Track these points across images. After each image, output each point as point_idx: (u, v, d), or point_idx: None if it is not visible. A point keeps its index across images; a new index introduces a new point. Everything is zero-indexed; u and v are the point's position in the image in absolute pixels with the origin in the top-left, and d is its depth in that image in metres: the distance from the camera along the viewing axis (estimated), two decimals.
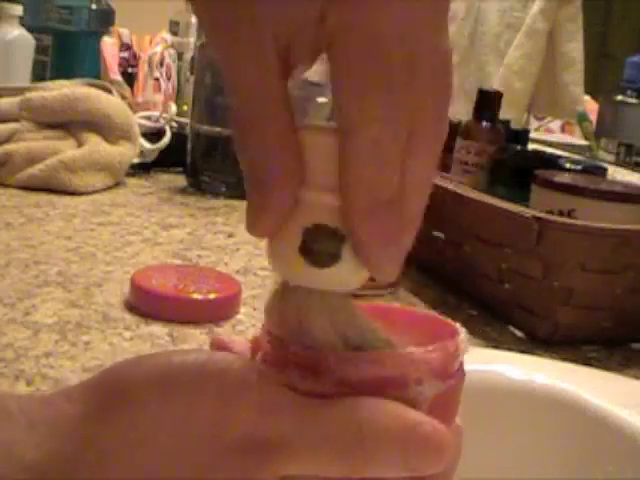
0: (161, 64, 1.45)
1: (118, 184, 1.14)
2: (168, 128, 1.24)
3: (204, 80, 1.14)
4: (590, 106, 1.55)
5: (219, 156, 1.14)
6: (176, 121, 1.28)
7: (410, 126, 0.28)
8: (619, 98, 1.44)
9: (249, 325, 0.69)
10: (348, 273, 0.28)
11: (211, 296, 0.70)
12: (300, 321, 0.29)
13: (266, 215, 0.28)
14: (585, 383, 0.56)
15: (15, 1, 1.38)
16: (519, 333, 0.74)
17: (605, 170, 1.00)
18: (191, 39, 1.50)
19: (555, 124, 1.77)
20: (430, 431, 0.29)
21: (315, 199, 0.28)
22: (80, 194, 1.07)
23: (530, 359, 0.62)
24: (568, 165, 0.96)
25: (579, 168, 0.96)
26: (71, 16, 1.45)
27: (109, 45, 1.48)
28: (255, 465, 0.29)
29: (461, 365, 0.31)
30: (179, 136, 1.22)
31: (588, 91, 1.49)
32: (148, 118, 1.25)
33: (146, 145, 1.21)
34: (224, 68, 0.28)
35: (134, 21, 1.60)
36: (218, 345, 0.35)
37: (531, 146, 1.16)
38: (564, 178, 0.85)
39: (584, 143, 1.53)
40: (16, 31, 1.37)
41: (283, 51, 0.28)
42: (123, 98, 1.21)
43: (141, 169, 1.22)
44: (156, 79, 1.45)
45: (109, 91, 1.16)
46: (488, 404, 0.53)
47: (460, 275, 0.81)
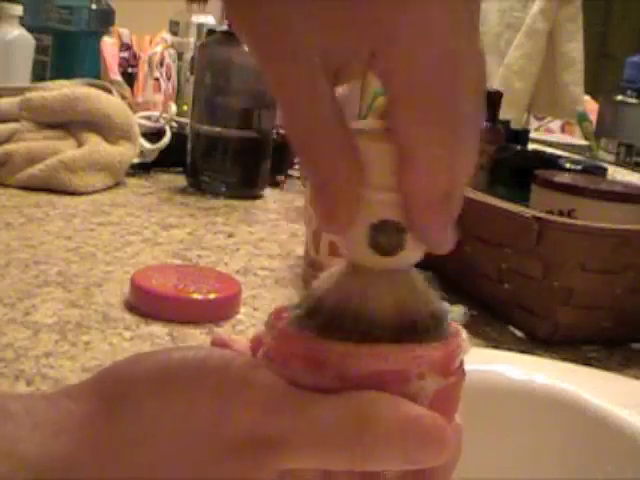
0: (161, 64, 1.45)
1: (118, 184, 1.14)
2: (168, 128, 1.24)
3: (204, 80, 1.14)
4: (590, 106, 1.55)
5: (219, 156, 1.14)
6: (176, 121, 1.28)
7: (456, 125, 0.29)
8: (619, 98, 1.44)
9: (249, 325, 0.69)
10: (410, 256, 0.31)
11: (211, 296, 0.70)
12: (364, 294, 0.31)
13: (339, 215, 0.30)
14: (585, 383, 0.56)
15: (15, 1, 1.38)
16: (519, 333, 0.74)
17: (605, 170, 1.00)
18: (191, 39, 1.50)
19: (555, 124, 1.77)
20: (431, 424, 0.29)
21: (378, 198, 0.30)
22: (80, 194, 1.07)
23: (530, 359, 0.62)
24: (568, 165, 0.96)
25: (579, 168, 0.96)
26: (71, 16, 1.45)
27: (109, 45, 1.48)
28: (255, 462, 0.29)
29: (462, 364, 0.32)
30: (179, 136, 1.22)
31: (588, 91, 1.49)
32: (148, 118, 1.25)
33: (146, 145, 1.21)
34: (274, 84, 0.29)
35: (134, 21, 1.60)
36: (219, 343, 0.35)
37: (531, 146, 1.16)
38: (564, 178, 0.85)
39: (584, 143, 1.53)
40: (16, 31, 1.37)
41: (332, 68, 0.29)
42: (123, 98, 1.21)
43: (141, 169, 1.22)
44: (156, 79, 1.45)
45: (109, 91, 1.16)
46: (488, 404, 0.53)
47: (460, 275, 0.81)
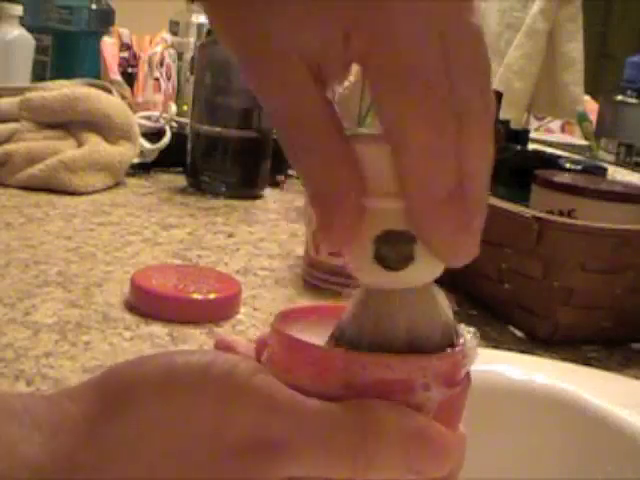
0: (161, 64, 1.45)
1: (118, 184, 1.14)
2: (168, 128, 1.24)
3: (204, 80, 1.14)
4: (590, 106, 1.55)
5: (219, 156, 1.14)
6: (176, 121, 1.28)
7: (455, 115, 0.27)
8: (619, 98, 1.44)
9: (249, 325, 0.69)
10: (423, 269, 0.28)
11: (211, 296, 0.70)
12: (376, 323, 0.29)
13: (337, 228, 0.28)
14: (585, 383, 0.56)
15: (15, 1, 1.38)
16: (519, 333, 0.74)
17: (605, 170, 1.00)
18: (191, 39, 1.50)
19: (555, 124, 1.77)
20: (434, 435, 0.29)
21: (380, 206, 0.28)
22: (80, 194, 1.07)
23: (530, 359, 0.62)
24: (568, 165, 0.96)
25: (579, 168, 0.96)
26: (71, 16, 1.45)
27: (109, 45, 1.48)
28: (257, 466, 0.29)
29: (467, 372, 0.31)
30: (179, 136, 1.22)
31: (588, 91, 1.49)
32: (148, 118, 1.25)
33: (146, 145, 1.21)
34: (256, 90, 0.28)
35: (134, 21, 1.60)
36: (223, 346, 0.35)
37: (531, 146, 1.16)
38: (564, 178, 0.85)
39: (584, 143, 1.53)
40: (16, 31, 1.37)
41: (316, 69, 0.28)
42: (123, 98, 1.21)
43: (141, 169, 1.22)
44: (156, 79, 1.45)
45: (109, 91, 1.16)
46: (488, 404, 0.53)
47: (460, 275, 0.81)
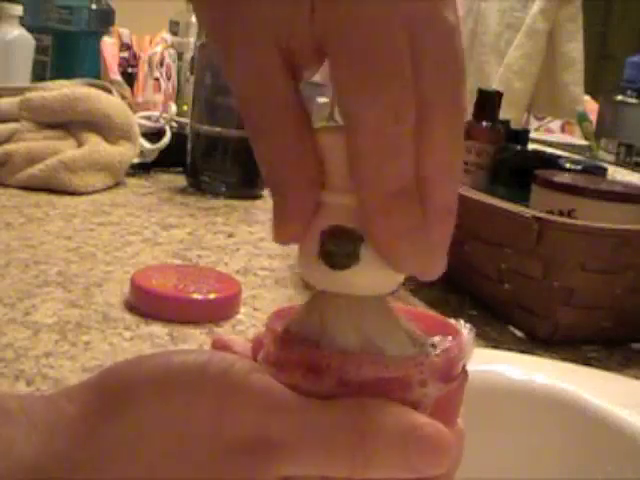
0: (161, 64, 1.45)
1: (118, 184, 1.14)
2: (168, 128, 1.24)
3: (204, 80, 1.14)
4: (590, 106, 1.55)
5: (219, 156, 1.13)
6: (176, 121, 1.28)
7: (418, 107, 0.26)
8: (619, 98, 1.44)
9: (249, 325, 0.69)
10: (372, 275, 0.26)
11: (211, 296, 0.70)
12: (323, 325, 0.29)
13: (288, 221, 0.27)
14: (585, 383, 0.56)
15: (15, 1, 1.38)
16: (519, 333, 0.74)
17: (605, 170, 1.00)
18: (191, 39, 1.50)
19: (555, 124, 1.77)
20: (432, 432, 0.29)
21: (333, 201, 0.27)
22: (80, 194, 1.07)
23: (530, 359, 0.62)
24: (568, 165, 0.96)
25: (579, 168, 0.96)
26: (71, 16, 1.45)
27: (109, 45, 1.48)
28: (255, 465, 0.29)
29: (464, 367, 0.31)
30: (179, 136, 1.22)
31: (588, 91, 1.49)
32: (148, 118, 1.25)
33: (146, 145, 1.21)
34: (227, 71, 0.28)
35: (134, 21, 1.60)
36: (220, 345, 0.35)
37: (531, 146, 1.15)
38: (564, 178, 0.85)
39: (584, 143, 1.53)
40: (16, 31, 1.37)
41: (287, 54, 0.27)
42: (123, 98, 1.21)
43: (141, 169, 1.22)
44: (156, 79, 1.45)
45: (109, 91, 1.16)
46: (488, 404, 0.53)
47: (460, 275, 0.81)
